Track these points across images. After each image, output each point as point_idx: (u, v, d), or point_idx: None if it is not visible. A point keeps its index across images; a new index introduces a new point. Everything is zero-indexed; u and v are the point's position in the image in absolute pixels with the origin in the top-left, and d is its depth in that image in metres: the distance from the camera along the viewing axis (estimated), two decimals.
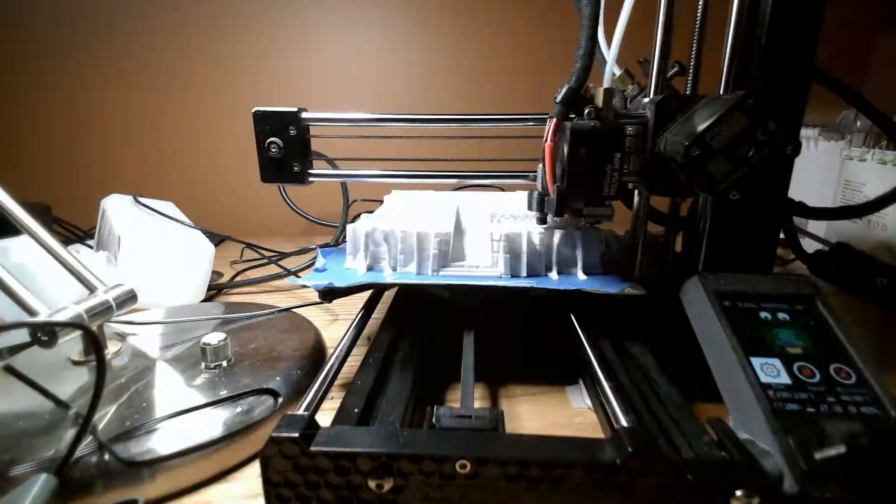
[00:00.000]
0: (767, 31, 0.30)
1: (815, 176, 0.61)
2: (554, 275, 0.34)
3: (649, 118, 0.31)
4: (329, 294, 0.33)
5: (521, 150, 0.39)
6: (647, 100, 0.32)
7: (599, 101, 0.30)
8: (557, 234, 0.35)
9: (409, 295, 0.40)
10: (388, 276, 0.34)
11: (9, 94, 0.73)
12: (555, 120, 0.30)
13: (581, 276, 0.34)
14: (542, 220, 0.35)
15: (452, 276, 0.34)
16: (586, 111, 0.29)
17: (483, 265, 0.35)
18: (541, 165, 0.32)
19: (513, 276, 0.34)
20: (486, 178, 0.40)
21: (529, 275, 0.34)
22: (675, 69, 0.34)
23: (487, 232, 0.35)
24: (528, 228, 0.35)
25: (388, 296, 0.41)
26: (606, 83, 0.31)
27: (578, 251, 0.35)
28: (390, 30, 0.77)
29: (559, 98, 0.30)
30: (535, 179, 0.36)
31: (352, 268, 0.36)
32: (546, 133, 0.30)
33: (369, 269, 0.36)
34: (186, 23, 0.74)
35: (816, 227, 0.60)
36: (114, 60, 0.74)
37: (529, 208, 0.35)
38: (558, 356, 0.36)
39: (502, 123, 0.38)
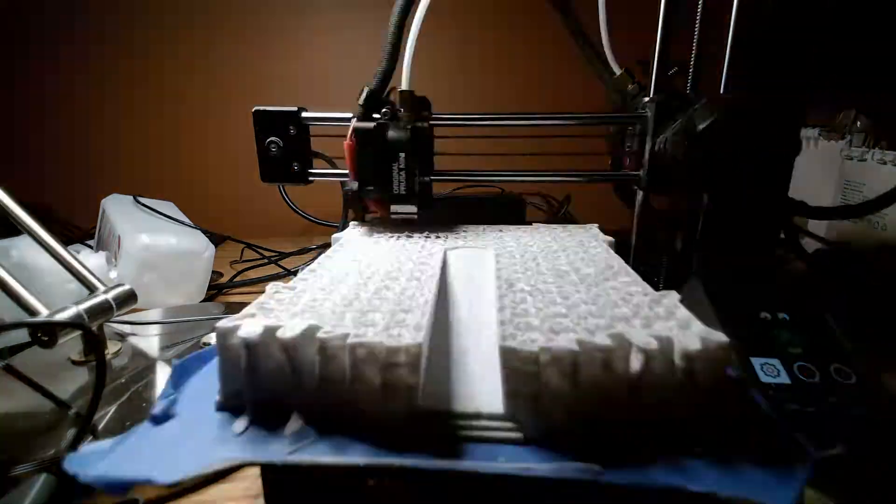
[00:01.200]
0: (768, 30, 0.30)
1: (815, 176, 0.61)
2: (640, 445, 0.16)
3: (649, 117, 0.31)
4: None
5: (522, 149, 0.39)
6: (647, 99, 0.32)
7: (397, 102, 0.31)
8: (639, 355, 0.16)
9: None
10: (287, 446, 0.16)
11: (9, 93, 0.73)
12: (354, 120, 0.31)
13: (696, 450, 0.16)
14: (360, 218, 0.36)
15: (420, 444, 0.16)
16: (382, 111, 0.31)
17: (490, 412, 0.17)
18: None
19: (549, 444, 0.16)
20: (487, 177, 0.40)
21: (585, 437, 0.16)
22: (676, 69, 0.34)
23: (497, 345, 0.17)
24: (582, 324, 0.18)
25: None
26: (404, 85, 0.31)
27: (690, 387, 0.16)
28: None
29: (360, 100, 0.32)
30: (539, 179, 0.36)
31: (227, 410, 0.18)
32: (348, 133, 0.31)
33: (258, 417, 0.17)
34: (186, 22, 0.74)
35: (816, 226, 0.60)
36: (114, 60, 0.74)
37: (344, 205, 0.35)
38: None
39: (502, 123, 0.38)
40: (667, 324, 0.18)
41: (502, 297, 0.21)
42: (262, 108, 0.36)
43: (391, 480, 0.18)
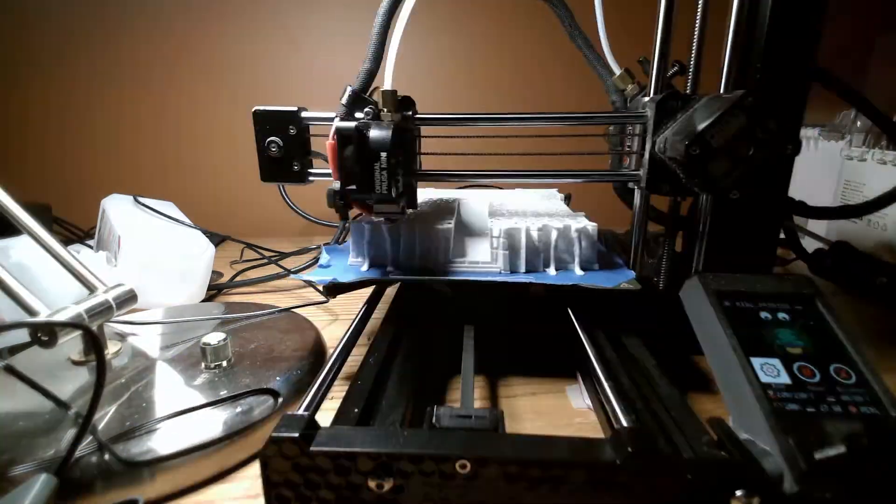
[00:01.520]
0: (767, 31, 0.30)
1: (815, 176, 0.61)
2: (552, 271, 0.35)
3: (649, 117, 0.31)
4: (333, 290, 0.34)
5: (521, 149, 0.39)
6: (647, 99, 0.32)
7: (380, 102, 0.31)
8: (555, 232, 0.35)
9: (411, 291, 0.41)
10: (390, 272, 0.35)
11: (9, 94, 0.73)
12: (336, 119, 0.31)
13: (578, 272, 0.35)
14: (343, 217, 0.35)
15: (453, 271, 0.35)
16: (365, 110, 0.31)
17: (483, 261, 0.35)
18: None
19: (512, 272, 0.35)
20: (487, 176, 0.40)
21: (528, 271, 0.35)
22: (675, 68, 0.34)
23: (487, 228, 0.36)
24: (527, 225, 0.35)
25: (389, 294, 0.42)
26: (387, 85, 0.31)
27: (576, 248, 0.35)
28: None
29: (343, 99, 0.32)
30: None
31: (355, 264, 0.37)
32: (330, 133, 0.31)
33: (372, 265, 0.36)
34: (186, 22, 0.74)
35: (816, 226, 0.60)
36: (114, 60, 0.74)
37: (328, 205, 0.35)
38: (558, 352, 0.36)
39: (503, 122, 0.38)
40: (572, 220, 0.37)
41: (492, 212, 0.40)
42: (261, 108, 0.36)
43: (391, 481, 0.19)
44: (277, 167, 0.37)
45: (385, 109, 0.31)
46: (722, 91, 0.31)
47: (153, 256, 0.46)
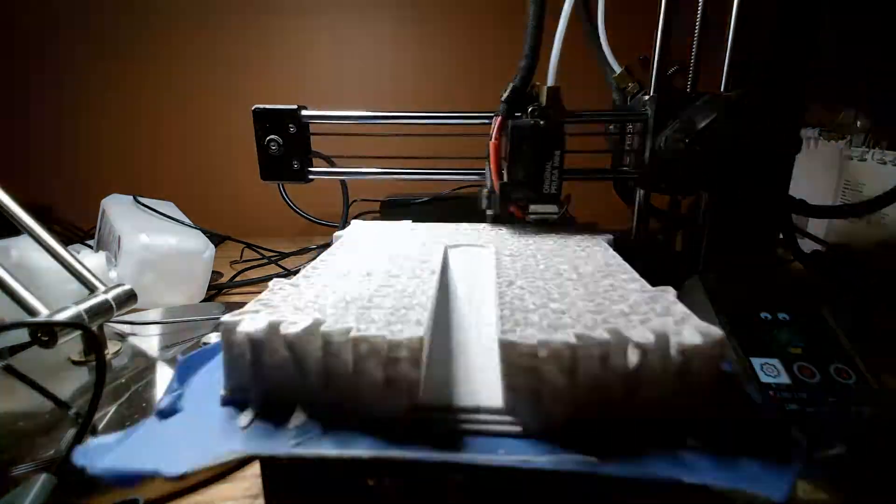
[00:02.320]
0: (768, 29, 0.30)
1: (815, 176, 0.61)
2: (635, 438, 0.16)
3: (649, 115, 0.31)
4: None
5: None
6: (647, 97, 0.32)
7: (544, 99, 0.30)
8: (635, 352, 0.16)
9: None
10: (291, 439, 0.16)
11: (9, 94, 0.73)
12: (499, 118, 0.30)
13: (690, 443, 0.16)
14: (494, 218, 0.34)
15: (421, 436, 0.16)
16: (530, 109, 0.30)
17: (489, 406, 0.17)
18: (487, 163, 0.32)
19: (547, 437, 0.16)
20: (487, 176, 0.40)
21: (582, 431, 0.16)
22: (676, 67, 0.34)
23: (495, 334, 0.19)
24: (576, 327, 0.17)
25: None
26: (551, 81, 0.31)
27: (685, 381, 0.16)
28: (389, 27, 0.76)
29: (504, 96, 0.30)
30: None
31: (231, 398, 0.18)
32: (491, 131, 0.30)
33: (262, 411, 0.17)
34: (186, 22, 0.74)
35: (816, 227, 0.60)
36: (113, 60, 0.74)
37: (480, 206, 0.33)
38: None
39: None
40: (663, 319, 0.18)
41: (502, 294, 0.21)
42: (261, 106, 0.36)
43: (391, 479, 0.19)
44: (277, 166, 0.37)
45: (549, 107, 0.30)
46: (722, 90, 0.31)
47: (153, 256, 0.46)
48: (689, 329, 0.17)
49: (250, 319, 0.18)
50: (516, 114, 0.30)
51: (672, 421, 0.17)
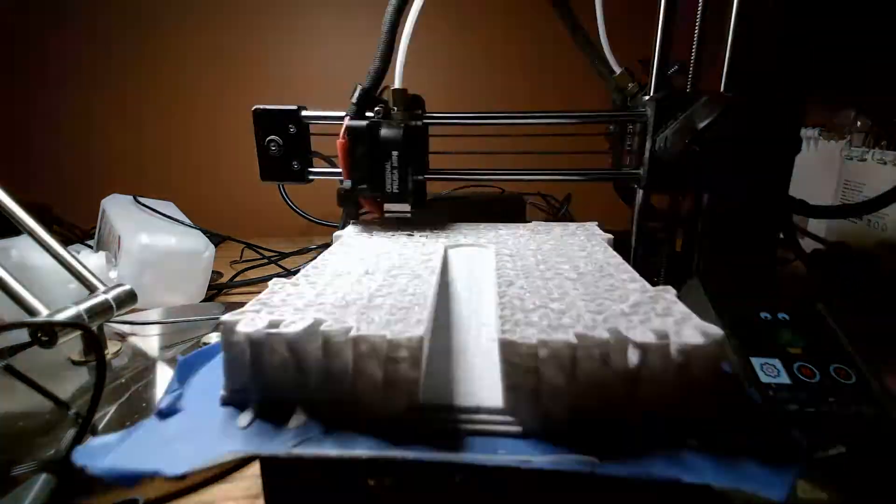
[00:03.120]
0: (768, 29, 0.30)
1: (815, 176, 0.61)
2: (635, 438, 0.16)
3: (649, 116, 0.31)
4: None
5: (521, 148, 0.39)
6: (647, 98, 0.32)
7: (390, 101, 0.31)
8: (635, 352, 0.17)
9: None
10: (291, 440, 0.16)
11: (9, 94, 0.73)
12: (347, 118, 0.31)
13: (691, 443, 0.16)
14: (352, 215, 0.36)
15: (422, 435, 0.16)
16: (375, 109, 0.31)
17: (489, 406, 0.17)
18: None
19: (547, 437, 0.16)
20: (488, 175, 0.40)
21: (582, 431, 0.16)
22: (676, 67, 0.34)
23: (494, 335, 0.19)
24: (576, 325, 0.17)
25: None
26: (397, 84, 0.31)
27: (686, 381, 0.16)
28: None
29: (353, 98, 0.32)
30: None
31: (231, 399, 0.18)
32: (340, 131, 0.31)
33: (262, 411, 0.18)
34: (186, 22, 0.74)
35: (816, 227, 0.60)
36: (113, 60, 0.74)
37: (338, 204, 0.34)
38: None
39: (503, 121, 0.38)
40: (664, 319, 0.18)
41: (502, 294, 0.21)
42: (261, 107, 0.36)
43: (391, 480, 0.19)
44: (277, 166, 0.37)
45: (395, 108, 0.31)
46: (722, 90, 0.31)
47: (153, 256, 0.46)
48: (690, 329, 0.17)
49: (250, 319, 0.18)
50: (368, 115, 0.32)
51: (672, 420, 0.17)
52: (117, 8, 0.72)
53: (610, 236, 0.30)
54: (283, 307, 0.20)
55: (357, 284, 0.22)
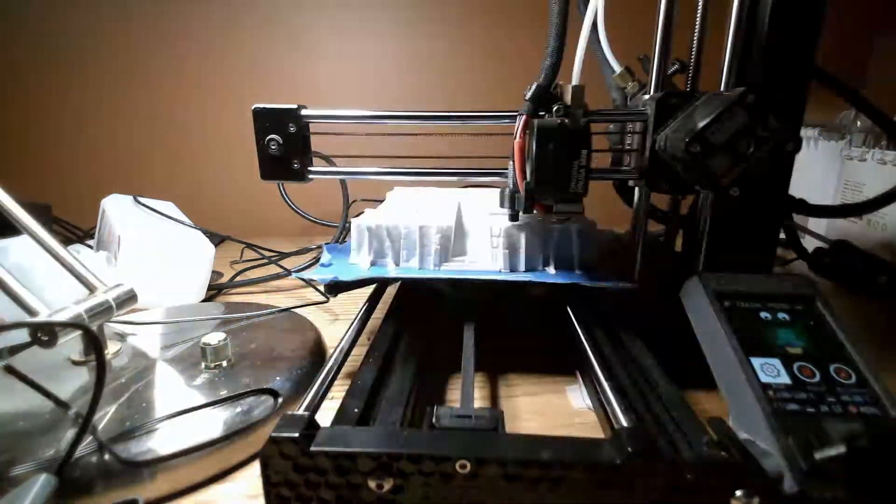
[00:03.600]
0: (768, 28, 0.30)
1: (815, 176, 0.61)
2: (551, 269, 0.35)
3: (649, 115, 0.31)
4: (334, 288, 0.34)
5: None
6: (647, 97, 0.32)
7: (568, 98, 0.30)
8: (556, 231, 0.35)
9: (412, 290, 0.41)
10: (390, 271, 0.36)
11: (9, 94, 0.73)
12: (524, 117, 0.30)
13: (577, 271, 0.35)
14: (513, 217, 0.35)
15: (453, 270, 0.35)
16: (555, 108, 0.30)
17: (483, 260, 0.36)
18: (511, 163, 0.32)
19: (512, 271, 0.35)
20: (488, 175, 0.40)
21: (528, 270, 0.35)
22: (676, 66, 0.34)
23: (487, 227, 0.36)
24: (528, 224, 0.35)
25: (389, 294, 0.41)
26: (575, 80, 0.31)
27: (575, 247, 0.35)
28: (389, 26, 0.76)
29: (528, 95, 0.30)
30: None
31: (356, 263, 0.37)
32: (516, 130, 0.30)
33: (373, 264, 0.37)
34: (185, 22, 0.74)
35: (817, 227, 0.60)
36: (113, 60, 0.74)
37: (501, 205, 0.34)
38: (558, 350, 0.37)
39: (503, 120, 0.38)
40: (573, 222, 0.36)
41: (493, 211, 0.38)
42: (261, 106, 0.36)
43: (393, 482, 0.19)
44: (277, 165, 0.36)
45: (573, 106, 0.30)
46: (722, 88, 0.31)
47: (153, 256, 0.46)
48: (581, 222, 0.37)
49: (368, 218, 0.37)
50: (540, 113, 0.30)
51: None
52: (117, 9, 0.72)
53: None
54: (379, 217, 0.37)
55: (414, 205, 0.42)
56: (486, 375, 0.35)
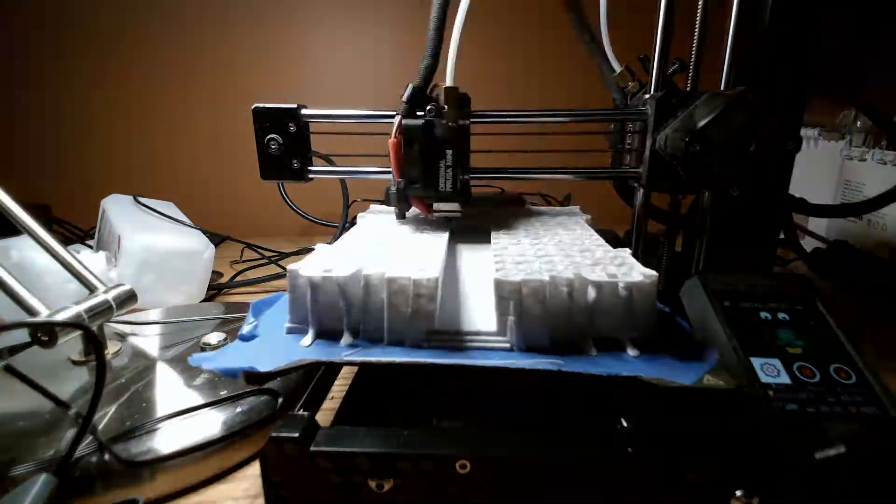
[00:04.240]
0: (768, 28, 0.30)
1: (815, 176, 0.61)
2: (591, 349, 0.23)
3: (649, 114, 0.31)
4: (254, 379, 0.21)
5: (522, 147, 0.39)
6: (647, 96, 0.32)
7: (442, 99, 0.30)
8: (592, 289, 0.23)
9: (374, 378, 0.28)
10: (343, 352, 0.23)
11: (9, 93, 0.73)
12: (398, 117, 0.31)
13: (631, 352, 0.23)
14: (399, 216, 0.35)
15: (437, 350, 0.23)
16: (427, 108, 0.31)
17: (486, 330, 0.24)
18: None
19: (529, 351, 0.23)
20: (488, 174, 0.40)
21: (554, 345, 0.23)
22: (676, 66, 0.34)
23: (492, 278, 0.23)
24: (549, 272, 0.23)
25: None
26: (449, 82, 0.31)
27: (622, 312, 0.23)
28: (389, 26, 0.76)
29: (404, 96, 0.31)
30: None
31: (294, 331, 0.25)
32: (391, 130, 0.31)
33: (319, 335, 0.24)
34: (186, 22, 0.74)
35: (817, 227, 0.60)
36: (113, 60, 0.74)
37: (385, 203, 0.34)
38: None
39: (502, 120, 0.38)
40: (618, 268, 0.25)
41: (497, 251, 0.28)
42: (261, 105, 0.36)
43: (392, 481, 0.19)
44: (277, 165, 0.36)
45: (447, 106, 0.30)
46: (722, 88, 0.31)
47: (153, 256, 0.46)
48: (634, 272, 0.24)
49: (310, 267, 0.24)
50: (419, 113, 0.31)
51: (620, 340, 0.23)
52: (118, 8, 0.72)
53: (589, 216, 0.35)
54: (330, 261, 0.25)
55: (383, 248, 0.29)
56: None
